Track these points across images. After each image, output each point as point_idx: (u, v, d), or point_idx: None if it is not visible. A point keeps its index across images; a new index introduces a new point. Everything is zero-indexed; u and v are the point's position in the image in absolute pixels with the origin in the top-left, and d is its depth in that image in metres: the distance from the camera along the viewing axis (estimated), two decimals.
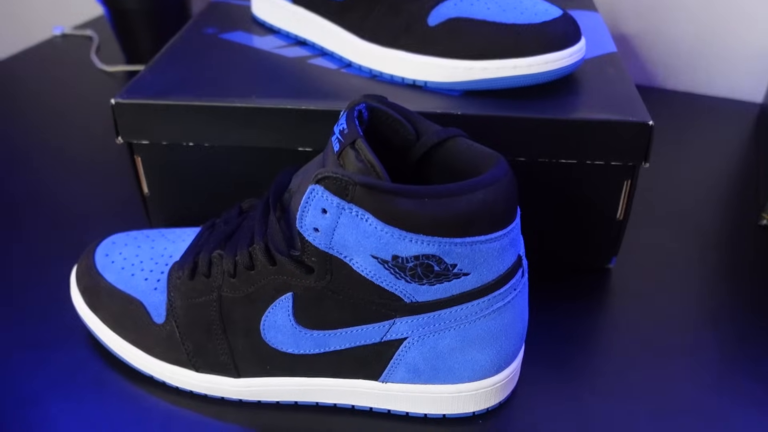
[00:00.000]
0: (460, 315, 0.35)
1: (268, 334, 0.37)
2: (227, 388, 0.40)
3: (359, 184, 0.31)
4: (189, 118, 0.47)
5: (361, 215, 0.32)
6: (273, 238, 0.36)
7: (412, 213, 0.32)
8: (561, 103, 0.46)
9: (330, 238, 0.33)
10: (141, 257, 0.43)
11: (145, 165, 0.50)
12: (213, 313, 0.38)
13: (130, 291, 0.41)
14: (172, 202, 0.51)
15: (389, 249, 0.32)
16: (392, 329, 0.36)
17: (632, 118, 0.44)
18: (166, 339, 0.40)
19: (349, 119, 0.35)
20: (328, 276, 0.35)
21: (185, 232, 0.45)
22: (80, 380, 0.42)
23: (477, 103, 0.46)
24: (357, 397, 0.39)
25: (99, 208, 0.57)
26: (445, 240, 0.32)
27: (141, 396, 0.41)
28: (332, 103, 0.46)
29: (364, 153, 0.33)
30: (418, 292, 0.34)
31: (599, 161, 0.45)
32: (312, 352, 0.37)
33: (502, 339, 0.37)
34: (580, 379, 0.42)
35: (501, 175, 0.33)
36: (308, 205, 0.33)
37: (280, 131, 0.47)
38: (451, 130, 0.37)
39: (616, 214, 0.48)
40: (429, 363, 0.37)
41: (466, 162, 0.36)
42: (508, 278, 0.35)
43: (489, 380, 0.38)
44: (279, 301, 0.36)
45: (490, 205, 0.33)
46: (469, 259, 0.33)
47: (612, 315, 0.48)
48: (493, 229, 0.33)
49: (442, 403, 0.39)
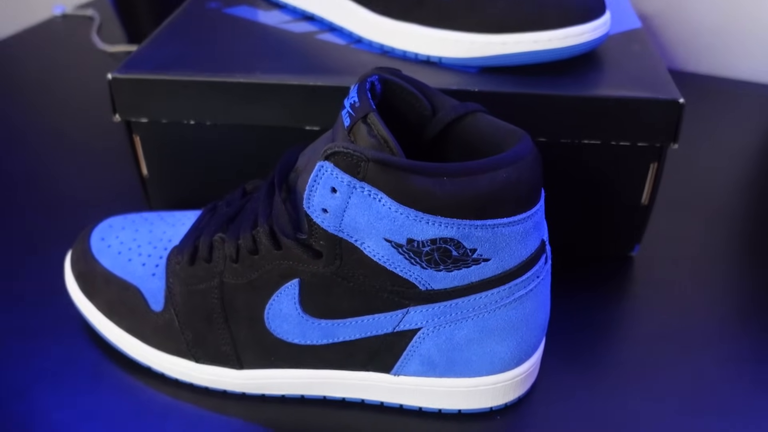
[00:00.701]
0: (479, 304, 0.33)
1: (272, 324, 0.35)
2: (229, 380, 0.37)
3: (372, 160, 0.29)
4: (190, 94, 0.44)
5: (374, 195, 0.29)
6: (278, 220, 0.33)
7: (430, 192, 0.29)
8: (584, 80, 0.43)
9: (340, 219, 0.31)
10: (139, 241, 0.41)
11: (144, 145, 0.47)
12: (214, 300, 0.36)
13: (127, 277, 0.39)
14: (173, 184, 0.49)
15: (404, 232, 0.30)
16: (405, 319, 0.33)
17: (661, 95, 0.41)
18: (164, 328, 0.38)
19: (360, 92, 0.32)
20: (338, 261, 0.32)
21: (185, 215, 0.42)
22: (74, 371, 0.40)
23: (495, 79, 0.43)
24: (367, 390, 0.37)
25: (96, 191, 0.55)
26: (464, 222, 0.30)
27: (138, 388, 0.39)
28: (341, 79, 0.43)
29: (377, 128, 0.31)
30: (434, 279, 0.32)
31: (625, 142, 0.43)
32: (319, 343, 0.35)
33: (523, 330, 0.35)
34: (602, 373, 0.40)
35: (525, 152, 0.31)
36: (316, 184, 0.30)
37: (285, 109, 0.44)
38: (470, 105, 0.34)
39: (641, 199, 0.45)
40: (445, 355, 0.34)
41: (486, 139, 0.34)
42: (530, 265, 0.33)
43: (508, 374, 0.36)
44: (284, 287, 0.34)
45: (513, 185, 0.30)
46: (490, 244, 0.31)
47: (635, 305, 0.45)
48: (516, 211, 0.31)
49: (458, 398, 0.36)
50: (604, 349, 0.42)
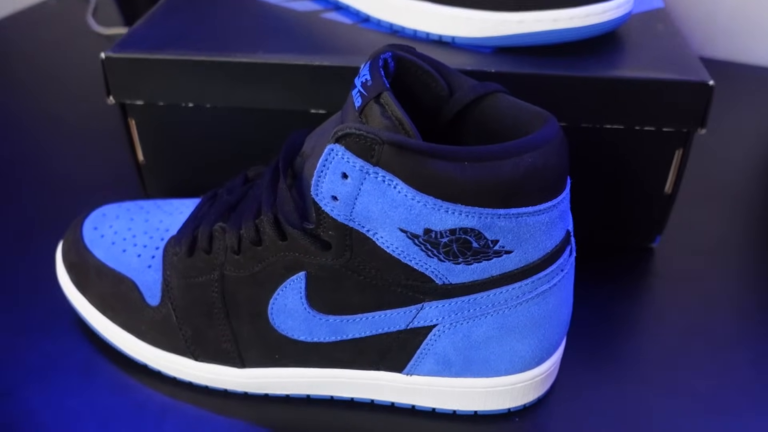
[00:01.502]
0: (500, 299, 0.30)
1: (277, 319, 0.33)
2: (230, 379, 0.35)
3: (387, 142, 0.26)
4: (188, 75, 0.42)
5: (389, 181, 0.27)
6: (283, 208, 0.31)
7: (450, 178, 0.27)
8: (606, 61, 0.40)
9: (351, 207, 0.28)
10: (134, 231, 0.38)
11: (139, 129, 0.45)
12: (214, 294, 0.34)
13: (121, 269, 0.37)
14: (170, 170, 0.47)
15: (421, 221, 0.28)
16: (420, 315, 0.31)
17: (690, 77, 0.39)
18: (161, 323, 0.35)
19: (373, 69, 0.30)
20: (348, 253, 0.30)
21: (183, 204, 0.40)
22: (65, 368, 0.37)
23: (510, 60, 0.41)
24: (377, 390, 0.35)
25: (89, 178, 0.53)
26: (486, 211, 0.27)
27: (134, 387, 0.36)
28: (348, 59, 0.41)
29: (391, 108, 0.28)
30: (452, 272, 0.29)
31: (650, 127, 0.40)
32: (327, 340, 0.33)
33: (545, 327, 0.32)
34: (624, 371, 0.38)
35: (552, 136, 0.28)
36: (326, 169, 0.28)
37: (289, 91, 0.41)
38: (490, 85, 0.32)
39: (664, 188, 0.43)
40: (461, 354, 0.32)
41: (507, 122, 0.31)
42: (555, 257, 0.31)
43: (528, 373, 0.33)
44: (290, 281, 0.32)
45: (539, 171, 0.28)
46: (513, 235, 0.28)
47: (656, 299, 0.43)
48: (541, 200, 0.28)
49: (475, 399, 0.34)
50: (625, 346, 0.39)
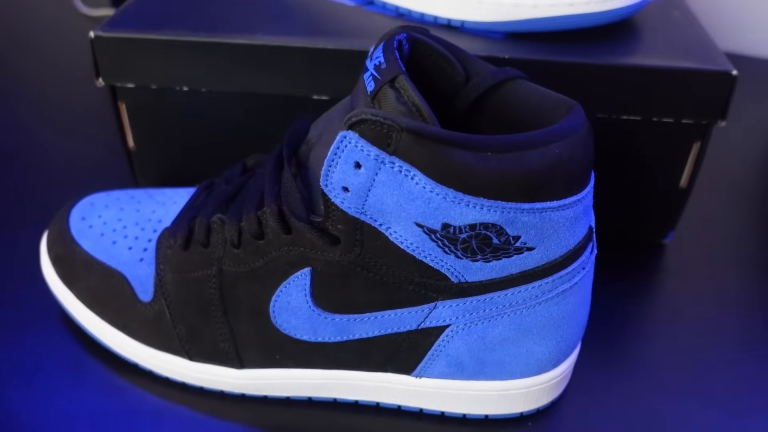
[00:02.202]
0: (518, 299, 0.29)
1: (279, 318, 0.31)
2: (227, 380, 0.33)
3: (406, 130, 0.24)
4: (183, 57, 0.39)
5: (406, 171, 0.25)
6: (288, 199, 0.29)
7: (472, 170, 0.25)
8: (623, 48, 0.39)
9: (363, 200, 0.26)
10: (124, 222, 0.36)
11: (130, 113, 0.42)
12: (212, 290, 0.32)
13: (111, 262, 0.34)
14: (162, 158, 0.44)
15: (439, 215, 0.26)
16: (432, 315, 0.29)
17: (712, 66, 0.37)
18: (154, 320, 0.33)
19: (387, 51, 0.27)
20: (357, 248, 0.28)
21: (177, 193, 0.38)
22: (51, 367, 0.35)
23: (523, 46, 0.39)
24: (383, 393, 0.33)
25: (76, 165, 0.50)
26: (510, 205, 0.25)
27: (124, 387, 0.34)
28: (352, 42, 0.38)
29: (408, 93, 0.26)
30: (469, 270, 0.27)
31: (668, 118, 0.39)
32: (332, 340, 0.31)
33: (563, 328, 0.31)
34: (639, 373, 0.36)
35: (578, 125, 0.27)
36: (337, 158, 0.26)
37: (290, 75, 0.39)
38: (510, 71, 0.30)
39: (680, 182, 0.41)
40: (475, 356, 0.30)
41: (529, 110, 0.29)
42: (577, 255, 0.29)
43: (544, 376, 0.32)
44: (294, 277, 0.30)
45: (566, 163, 0.26)
46: (536, 231, 0.27)
47: (669, 297, 0.41)
48: (567, 193, 0.27)
49: (486, 403, 0.32)
50: (638, 346, 0.38)
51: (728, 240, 0.45)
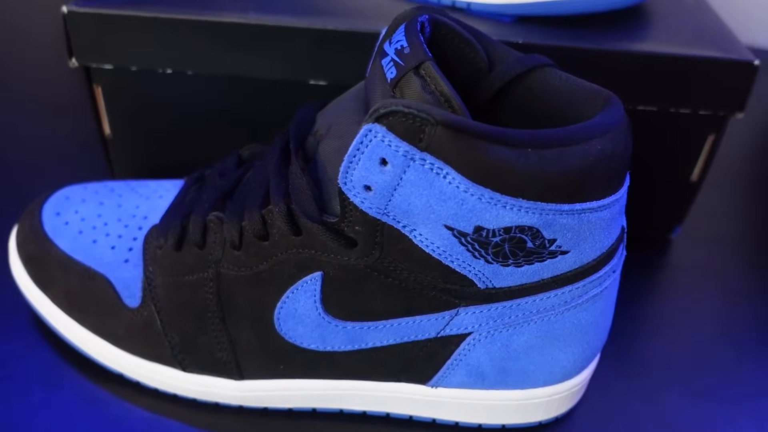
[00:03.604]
0: (546, 305, 0.27)
1: (284, 326, 0.28)
2: (225, 392, 0.30)
3: (441, 124, 0.22)
4: (167, 36, 0.36)
5: (438, 169, 0.23)
6: (298, 197, 0.26)
7: (511, 168, 0.22)
8: (640, 36, 0.37)
9: (387, 200, 0.24)
10: (105, 218, 0.33)
11: (106, 97, 0.39)
12: (208, 295, 0.29)
13: (92, 263, 0.31)
14: (141, 147, 0.41)
15: (472, 217, 0.23)
16: (453, 322, 0.27)
17: (733, 56, 0.35)
18: (141, 328, 0.30)
19: (410, 34, 0.25)
20: (376, 251, 0.25)
21: (162, 186, 0.35)
22: (22, 377, 0.32)
23: (532, 31, 0.37)
24: (394, 403, 0.30)
25: (46, 153, 0.46)
26: (549, 207, 0.23)
27: (107, 399, 0.31)
28: (354, 22, 0.36)
29: (436, 81, 0.23)
30: (498, 276, 0.25)
31: (686, 109, 0.37)
32: (342, 349, 0.28)
33: (590, 334, 0.29)
34: (656, 374, 0.35)
35: (619, 118, 0.25)
36: (360, 154, 0.23)
37: (285, 58, 0.36)
38: (538, 58, 0.28)
39: (691, 176, 0.40)
40: (497, 365, 0.28)
41: (559, 100, 0.27)
42: (609, 258, 0.27)
43: (566, 384, 0.30)
44: (302, 282, 0.27)
45: (608, 160, 0.24)
46: (573, 233, 0.24)
47: (678, 295, 0.40)
48: (606, 193, 0.25)
49: (505, 413, 0.30)
50: (652, 347, 0.36)
51: (735, 235, 0.44)
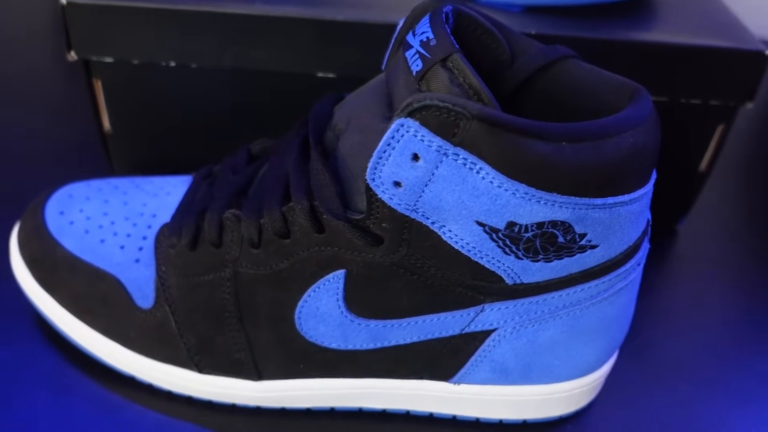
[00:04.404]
0: (572, 300, 0.26)
1: (305, 325, 0.27)
2: (243, 393, 0.30)
3: (477, 118, 0.21)
4: (170, 28, 0.35)
5: (471, 164, 0.22)
6: (321, 193, 0.25)
7: (546, 162, 0.22)
8: (649, 26, 0.37)
9: (417, 196, 0.23)
10: (111, 216, 0.32)
11: (106, 91, 0.38)
12: (225, 295, 0.28)
13: (101, 263, 0.30)
14: (142, 142, 0.40)
15: (506, 213, 0.23)
16: (478, 318, 0.27)
17: (743, 46, 0.35)
18: (155, 329, 0.29)
19: (436, 25, 0.24)
20: (403, 248, 0.25)
21: (168, 183, 0.34)
22: (29, 382, 0.31)
23: (542, 21, 0.36)
24: (416, 401, 0.30)
25: (43, 149, 0.45)
26: (583, 201, 0.23)
27: (119, 403, 0.30)
28: (362, 13, 0.35)
29: (464, 74, 0.23)
30: (527, 271, 0.25)
31: (696, 100, 0.37)
32: (364, 348, 0.28)
33: (613, 327, 0.29)
34: (671, 366, 0.35)
35: (648, 110, 0.24)
36: (390, 149, 0.23)
37: (292, 50, 0.35)
38: (561, 49, 0.27)
39: (699, 166, 0.40)
40: (522, 360, 0.28)
41: (583, 93, 0.27)
42: (635, 251, 0.27)
43: (588, 378, 0.30)
44: (324, 281, 0.26)
45: (640, 153, 0.24)
46: (604, 227, 0.24)
47: (686, 286, 0.40)
48: (637, 186, 0.24)
49: (527, 408, 0.30)
50: (665, 339, 0.36)
51: (740, 226, 0.44)
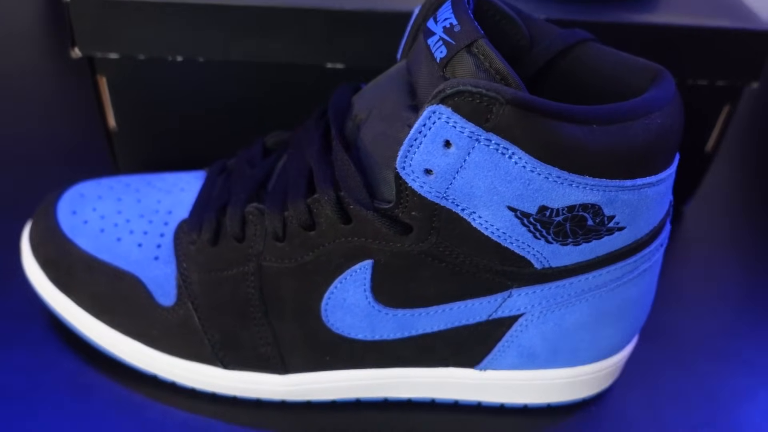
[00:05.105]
0: (599, 282, 0.26)
1: (332, 317, 0.27)
2: (268, 387, 0.30)
3: (510, 102, 0.21)
4: (177, 21, 0.34)
5: (504, 149, 0.22)
6: (347, 184, 0.25)
7: (580, 146, 0.22)
8: (654, 8, 0.37)
9: (448, 183, 0.23)
10: (126, 214, 0.31)
11: (111, 88, 0.37)
12: (250, 290, 0.28)
13: (119, 262, 0.30)
14: (148, 139, 0.39)
15: (538, 197, 0.23)
16: (506, 304, 0.27)
17: (749, 25, 0.36)
18: (178, 326, 0.29)
19: (459, 11, 0.24)
20: (433, 236, 0.25)
21: (181, 179, 0.33)
22: (49, 386, 0.30)
23: (550, 6, 0.36)
24: (441, 389, 0.30)
25: (47, 148, 0.44)
26: (613, 183, 0.23)
27: (142, 403, 0.30)
28: (371, 3, 0.35)
29: (490, 59, 0.23)
30: (556, 255, 0.25)
31: (703, 81, 0.37)
32: (391, 338, 0.28)
33: (636, 309, 0.29)
34: (688, 344, 0.35)
35: (673, 92, 0.24)
36: (422, 136, 0.22)
37: (301, 41, 0.35)
38: (579, 33, 0.27)
39: (705, 146, 0.40)
40: (549, 344, 0.28)
41: (603, 76, 0.27)
42: (659, 232, 0.27)
43: (612, 359, 0.30)
44: (350, 272, 0.26)
45: (667, 134, 0.24)
46: (632, 209, 0.24)
47: (694, 266, 0.40)
48: (663, 167, 0.24)
49: (551, 391, 0.30)
50: (674, 317, 0.37)
51: (746, 205, 0.45)
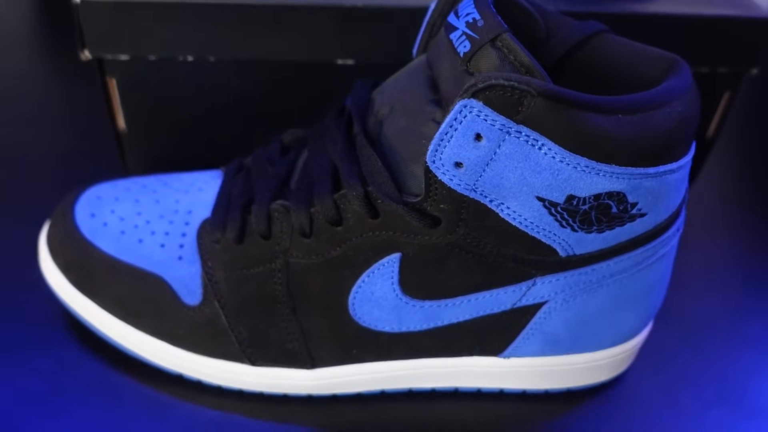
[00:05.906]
0: (620, 267, 0.27)
1: (359, 310, 0.28)
2: (295, 382, 0.30)
3: (541, 95, 0.22)
4: (188, 21, 0.34)
5: (533, 141, 0.22)
6: (375, 179, 0.25)
7: (606, 135, 0.23)
8: None
9: (478, 175, 0.24)
10: (145, 215, 0.31)
11: (121, 90, 0.37)
12: (277, 286, 0.28)
13: (142, 263, 0.30)
14: (159, 140, 0.39)
15: (566, 187, 0.23)
16: (530, 292, 0.27)
17: (748, 13, 0.36)
18: (205, 325, 0.29)
19: (481, 6, 0.24)
20: (461, 228, 0.25)
21: (197, 179, 0.33)
22: (74, 390, 0.30)
23: None
24: (464, 378, 0.31)
25: (56, 150, 0.43)
26: (638, 171, 0.24)
27: (169, 402, 0.30)
28: None
29: (515, 53, 0.23)
30: (581, 243, 0.26)
31: (704, 68, 0.38)
32: (417, 329, 0.28)
33: (654, 293, 0.30)
34: (696, 327, 0.36)
35: (690, 80, 0.25)
36: (453, 130, 0.23)
37: (312, 38, 0.35)
38: (594, 24, 0.28)
39: (707, 132, 0.41)
40: (572, 331, 0.29)
41: (619, 67, 0.27)
42: (676, 217, 0.28)
43: (630, 343, 0.31)
44: (378, 265, 0.27)
45: (686, 121, 0.24)
46: (654, 196, 0.25)
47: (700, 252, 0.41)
48: (683, 153, 0.25)
49: (572, 377, 0.31)
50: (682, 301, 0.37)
51: (747, 190, 0.46)
